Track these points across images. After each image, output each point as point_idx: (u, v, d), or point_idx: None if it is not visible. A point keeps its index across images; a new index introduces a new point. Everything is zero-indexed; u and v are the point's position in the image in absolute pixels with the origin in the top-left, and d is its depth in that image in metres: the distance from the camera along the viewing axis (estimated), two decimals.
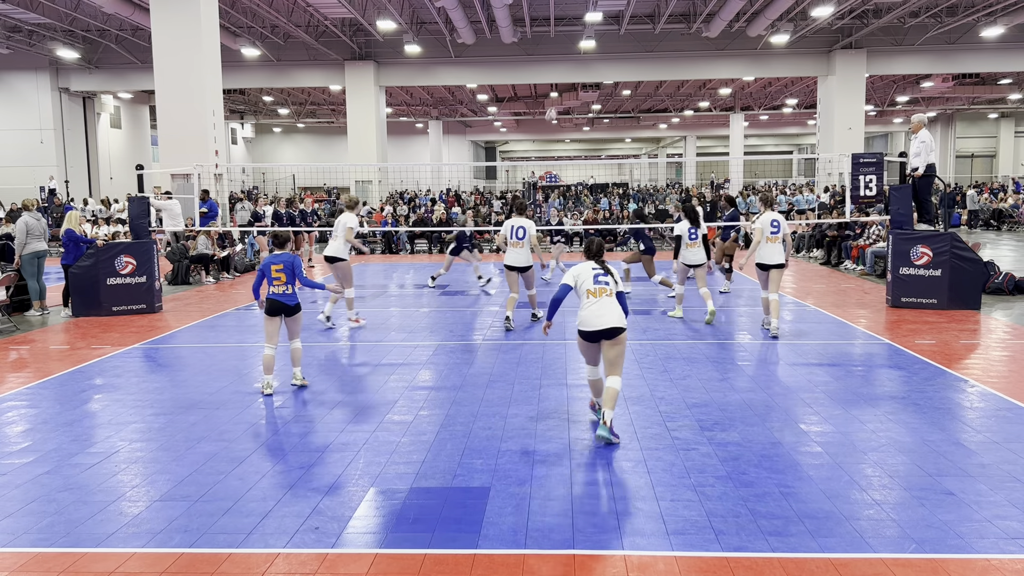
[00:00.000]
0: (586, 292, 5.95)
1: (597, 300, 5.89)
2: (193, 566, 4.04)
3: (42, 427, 6.42)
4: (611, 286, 5.97)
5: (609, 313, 5.84)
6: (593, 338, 5.92)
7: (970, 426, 6.11)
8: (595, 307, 5.88)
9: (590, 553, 4.11)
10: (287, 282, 7.22)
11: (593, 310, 5.87)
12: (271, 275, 7.24)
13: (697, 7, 25.33)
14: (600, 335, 5.88)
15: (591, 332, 5.88)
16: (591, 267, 6.05)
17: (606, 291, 5.93)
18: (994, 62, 29.37)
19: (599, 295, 5.90)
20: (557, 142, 63.96)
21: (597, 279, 5.97)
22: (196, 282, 15.93)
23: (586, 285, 5.97)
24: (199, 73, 18.34)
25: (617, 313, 5.88)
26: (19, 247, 11.89)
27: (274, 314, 7.26)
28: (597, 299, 5.89)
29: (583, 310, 5.93)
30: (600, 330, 5.84)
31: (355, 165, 29.73)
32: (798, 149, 63.34)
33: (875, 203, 13.55)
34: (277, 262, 7.25)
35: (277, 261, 7.26)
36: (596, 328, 5.85)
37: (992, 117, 50.16)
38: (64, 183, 30.09)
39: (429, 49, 28.76)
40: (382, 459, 5.53)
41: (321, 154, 53.69)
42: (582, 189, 41.96)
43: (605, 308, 5.86)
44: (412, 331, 10.49)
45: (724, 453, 5.54)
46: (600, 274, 5.99)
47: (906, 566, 3.93)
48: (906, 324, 10.35)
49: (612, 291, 5.96)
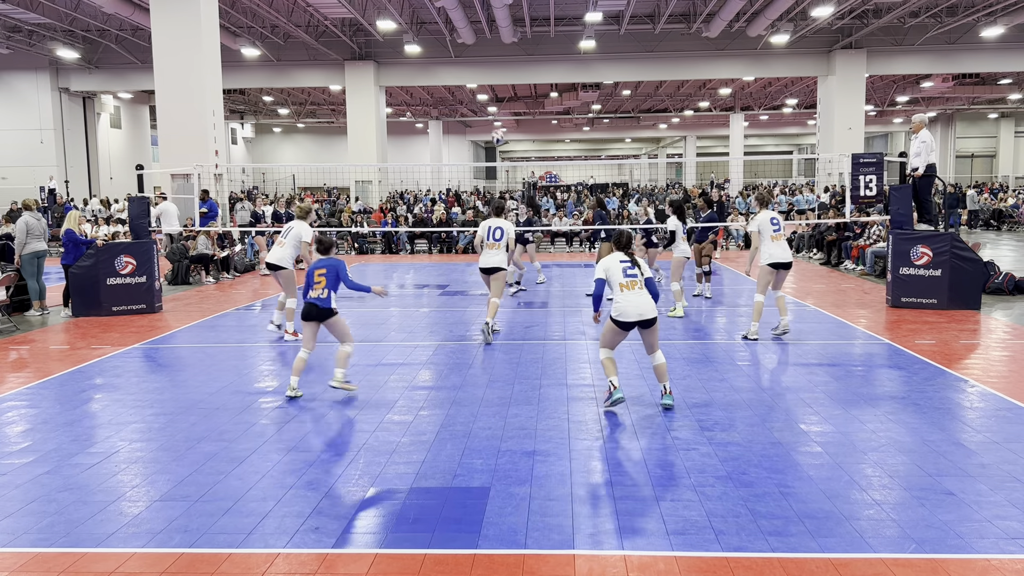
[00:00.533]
0: (619, 285, 6.38)
1: (631, 292, 6.36)
2: (193, 566, 4.04)
3: (42, 427, 6.42)
4: (639, 277, 6.41)
5: (646, 305, 6.36)
6: (628, 327, 6.41)
7: (970, 426, 6.11)
8: (632, 299, 6.35)
9: (590, 553, 4.11)
10: (326, 286, 7.07)
11: (631, 302, 6.34)
12: (313, 280, 7.12)
13: (697, 7, 25.33)
14: (636, 325, 6.38)
15: (630, 322, 6.36)
16: (619, 260, 6.48)
17: (637, 283, 6.38)
18: (994, 62, 29.37)
19: (632, 287, 6.36)
20: (557, 142, 63.96)
21: (626, 272, 6.41)
22: (196, 282, 15.94)
23: (617, 279, 6.40)
24: (199, 73, 18.34)
25: (652, 304, 6.41)
26: (19, 247, 11.90)
27: (309, 319, 7.11)
28: (631, 291, 6.36)
29: (619, 302, 6.37)
30: (640, 320, 6.35)
31: (355, 165, 29.73)
32: (798, 149, 63.34)
33: (875, 203, 13.54)
34: (321, 267, 7.13)
35: (321, 266, 7.14)
36: (635, 319, 6.34)
37: (992, 117, 50.16)
38: (64, 183, 30.10)
39: (429, 49, 28.76)
40: (382, 459, 5.53)
41: (321, 154, 53.69)
42: (582, 189, 41.95)
43: (641, 300, 6.36)
44: (412, 331, 10.49)
45: (724, 453, 5.54)
46: (628, 267, 6.43)
47: (906, 566, 3.93)
48: (906, 324, 10.35)
49: (641, 282, 6.40)
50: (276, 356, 9.09)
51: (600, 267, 6.52)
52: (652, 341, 6.53)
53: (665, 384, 6.64)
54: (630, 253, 6.56)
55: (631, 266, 6.42)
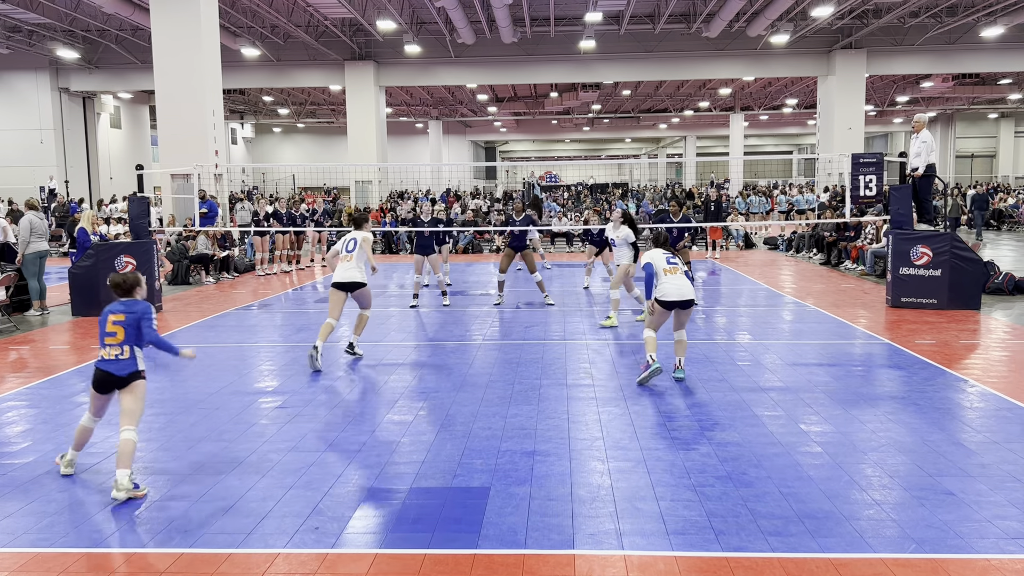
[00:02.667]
0: (663, 271, 7.26)
1: (675, 276, 7.25)
2: (193, 566, 4.04)
3: (42, 427, 6.42)
4: (680, 265, 7.34)
5: (687, 287, 7.25)
6: (671, 307, 7.27)
7: (970, 426, 6.11)
8: (674, 282, 7.22)
9: (590, 553, 4.11)
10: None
11: (674, 284, 7.22)
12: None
13: (697, 7, 25.32)
14: (677, 305, 7.25)
15: (672, 302, 7.22)
16: (662, 252, 7.42)
17: (679, 269, 7.30)
18: (994, 62, 29.36)
19: (675, 272, 7.27)
20: (557, 142, 63.96)
21: (669, 261, 7.34)
22: (196, 282, 15.94)
23: (661, 265, 7.29)
24: (199, 73, 18.33)
25: (691, 287, 7.31)
26: (23, 245, 11.90)
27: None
28: (674, 275, 7.25)
29: (664, 284, 7.23)
30: (679, 300, 7.21)
31: (355, 165, 29.72)
32: (798, 149, 63.32)
33: (875, 203, 13.54)
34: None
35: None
36: (677, 299, 7.21)
37: (992, 117, 50.14)
38: (64, 183, 30.09)
39: (429, 49, 28.75)
40: (382, 459, 5.53)
41: (321, 154, 53.67)
42: (582, 189, 41.97)
43: (683, 283, 7.24)
44: (412, 331, 10.49)
45: (724, 453, 5.54)
46: (670, 257, 7.40)
47: (906, 566, 3.93)
48: (906, 324, 10.35)
49: (682, 270, 7.29)
50: (276, 356, 9.09)
51: (647, 256, 7.39)
52: (684, 320, 7.45)
53: (680, 359, 7.55)
54: (670, 248, 7.55)
55: (672, 256, 7.40)
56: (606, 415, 6.46)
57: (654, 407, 6.69)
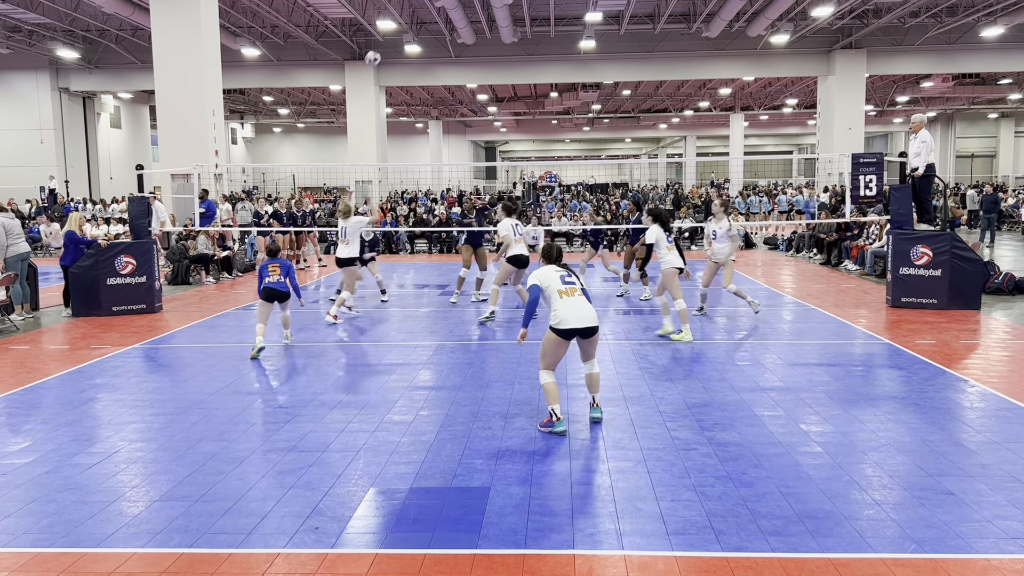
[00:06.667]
0: (557, 293, 6.04)
1: (571, 299, 6.01)
2: (193, 566, 4.04)
3: (42, 427, 6.42)
4: (577, 285, 6.12)
5: (587, 312, 5.99)
6: (569, 335, 6.00)
7: (970, 426, 6.11)
8: (571, 305, 5.98)
9: (590, 553, 4.11)
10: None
11: (571, 308, 5.97)
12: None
13: (697, 7, 25.32)
14: (577, 333, 6.00)
15: (568, 330, 5.96)
16: (554, 270, 6.18)
17: (576, 290, 6.07)
18: (994, 62, 29.37)
19: (571, 294, 6.03)
20: (557, 142, 63.95)
21: (564, 280, 6.10)
22: (196, 282, 15.93)
23: (555, 286, 6.06)
24: (199, 73, 18.33)
25: (593, 313, 6.03)
26: (1, 249, 11.47)
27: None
28: (571, 297, 6.01)
29: (559, 309, 5.98)
30: (579, 328, 5.96)
31: (355, 165, 29.72)
32: (798, 149, 63.33)
33: (875, 203, 13.54)
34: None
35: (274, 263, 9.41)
36: (575, 326, 5.95)
37: (992, 117, 50.15)
38: (64, 183, 30.09)
39: (429, 49, 28.75)
40: (382, 459, 5.53)
41: (321, 154, 53.68)
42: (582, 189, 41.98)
43: (582, 307, 6.00)
44: (412, 331, 10.49)
45: (724, 453, 5.54)
46: (565, 275, 6.15)
47: (906, 566, 3.93)
48: (906, 324, 10.35)
49: (579, 290, 6.10)
50: (276, 356, 9.09)
51: (535, 276, 6.16)
52: (591, 350, 6.17)
53: (595, 396, 6.29)
54: (564, 265, 6.26)
55: (567, 275, 6.16)
56: (606, 415, 6.45)
57: (654, 407, 6.69)
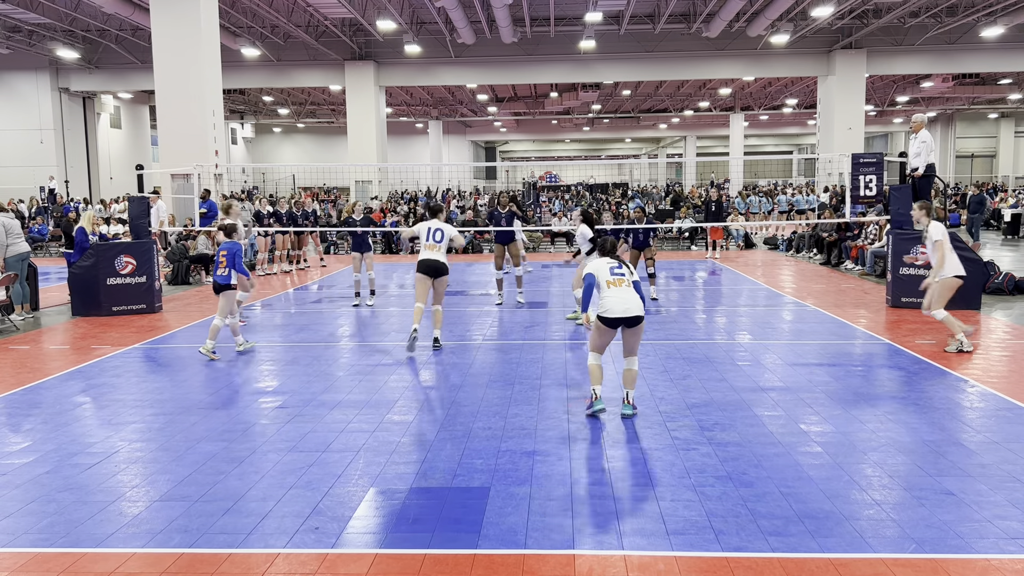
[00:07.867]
0: (606, 283, 6.33)
1: (618, 289, 6.28)
2: (193, 566, 4.04)
3: (42, 427, 6.42)
4: (627, 276, 6.38)
5: (632, 302, 6.25)
6: (615, 324, 6.25)
7: (970, 426, 6.11)
8: (618, 295, 6.25)
9: (590, 553, 4.11)
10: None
11: (617, 298, 6.24)
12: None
13: (697, 7, 25.33)
14: (622, 322, 6.24)
15: (614, 319, 6.22)
16: (606, 262, 6.48)
17: (624, 281, 6.34)
18: (994, 62, 29.38)
19: (619, 284, 6.30)
20: (557, 142, 63.96)
21: (613, 271, 6.38)
22: (196, 282, 15.94)
23: (604, 277, 6.36)
24: (199, 73, 18.34)
25: (639, 302, 6.29)
26: (1, 249, 11.42)
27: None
28: (618, 288, 6.29)
29: (606, 298, 6.27)
30: (623, 317, 6.21)
31: (355, 165, 29.74)
32: (798, 149, 63.34)
33: (875, 203, 13.54)
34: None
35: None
36: (620, 315, 6.21)
37: (992, 117, 50.16)
38: (64, 183, 30.10)
39: (429, 49, 28.76)
40: (382, 459, 5.53)
41: (321, 154, 53.69)
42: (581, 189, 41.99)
43: (628, 296, 6.26)
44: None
45: (724, 453, 5.54)
46: (615, 267, 6.42)
47: (906, 566, 3.93)
48: (906, 324, 10.35)
49: (628, 281, 6.35)
50: (275, 356, 9.09)
51: (590, 266, 6.50)
52: (633, 342, 6.39)
53: (629, 392, 6.44)
54: (616, 257, 6.55)
55: (618, 266, 6.45)
56: (606, 415, 6.45)
57: (654, 407, 6.69)
